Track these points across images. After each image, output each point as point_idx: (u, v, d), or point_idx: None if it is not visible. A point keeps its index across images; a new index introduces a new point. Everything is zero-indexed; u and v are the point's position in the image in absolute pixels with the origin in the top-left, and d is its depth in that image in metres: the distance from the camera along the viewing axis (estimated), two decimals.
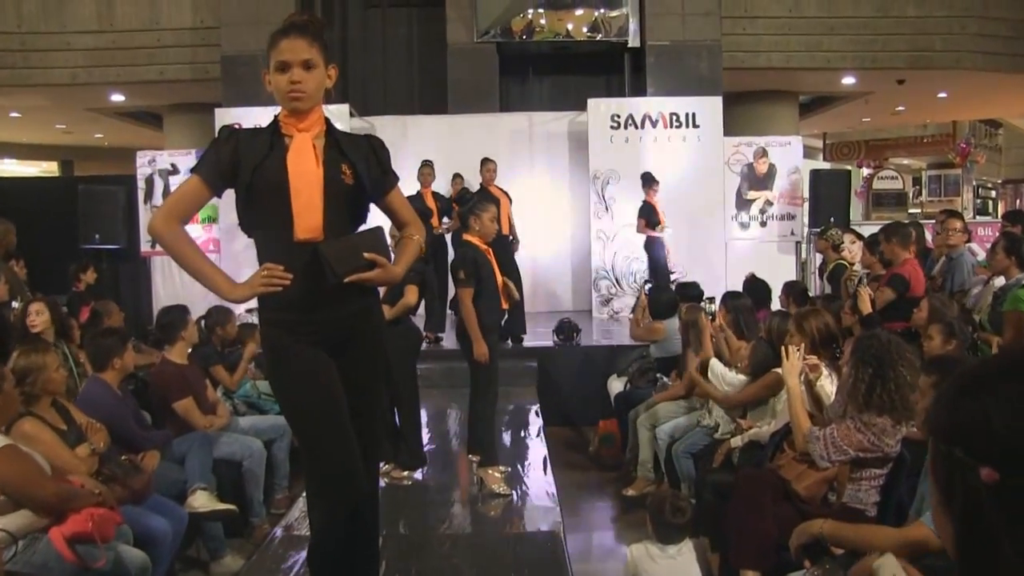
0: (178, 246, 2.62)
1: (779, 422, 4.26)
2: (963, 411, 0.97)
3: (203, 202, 2.71)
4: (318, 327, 2.66)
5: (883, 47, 11.89)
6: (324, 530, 2.71)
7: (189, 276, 2.68)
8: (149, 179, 10.72)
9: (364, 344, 2.76)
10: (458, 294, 4.66)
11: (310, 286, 2.58)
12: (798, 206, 10.70)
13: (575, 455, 6.83)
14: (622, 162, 10.37)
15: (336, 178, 2.63)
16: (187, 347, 5.31)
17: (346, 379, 2.69)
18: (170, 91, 12.47)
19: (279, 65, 2.61)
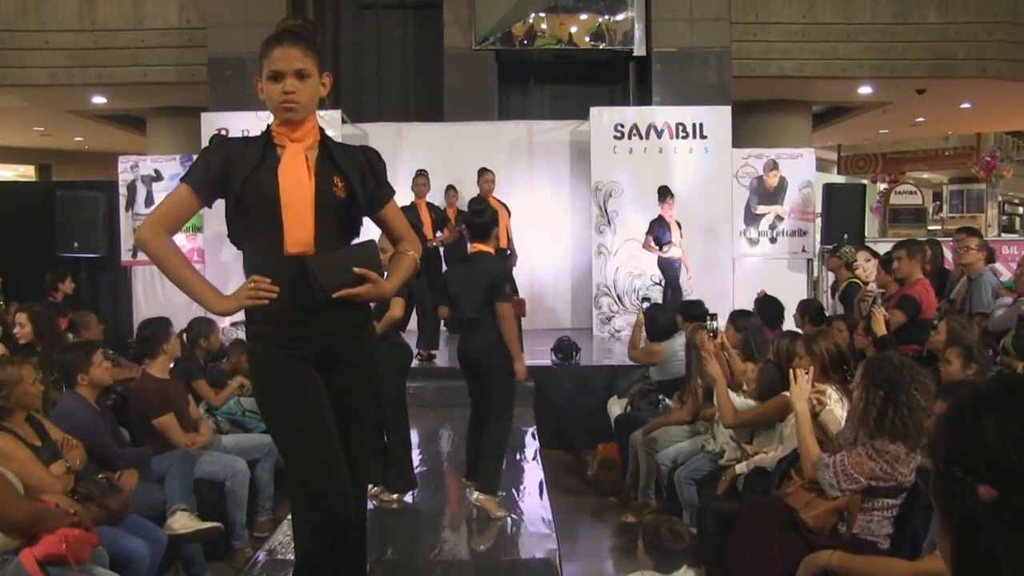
0: (165, 257, 2.66)
1: (786, 448, 4.27)
2: (961, 431, 1.02)
3: (192, 212, 2.76)
4: (307, 343, 2.69)
5: (902, 55, 11.92)
6: (309, 554, 2.73)
7: (173, 287, 2.72)
8: (131, 185, 10.76)
9: (354, 361, 2.79)
10: (502, 309, 4.64)
11: (299, 300, 2.62)
12: (810, 222, 10.74)
13: (573, 479, 6.84)
14: (625, 174, 10.42)
15: (328, 191, 2.67)
16: (169, 361, 5.33)
17: (335, 397, 2.72)
18: (154, 93, 12.52)
19: (272, 74, 2.65)
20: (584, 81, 12.14)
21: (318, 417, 2.66)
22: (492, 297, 4.63)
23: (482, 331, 4.71)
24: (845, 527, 3.62)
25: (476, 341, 4.76)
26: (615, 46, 11.57)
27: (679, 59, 11.19)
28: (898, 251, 6.24)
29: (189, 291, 2.67)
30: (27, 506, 3.37)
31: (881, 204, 16.42)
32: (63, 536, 3.37)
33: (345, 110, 10.65)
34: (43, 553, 3.31)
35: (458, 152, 10.57)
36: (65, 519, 3.47)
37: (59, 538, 3.35)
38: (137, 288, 10.80)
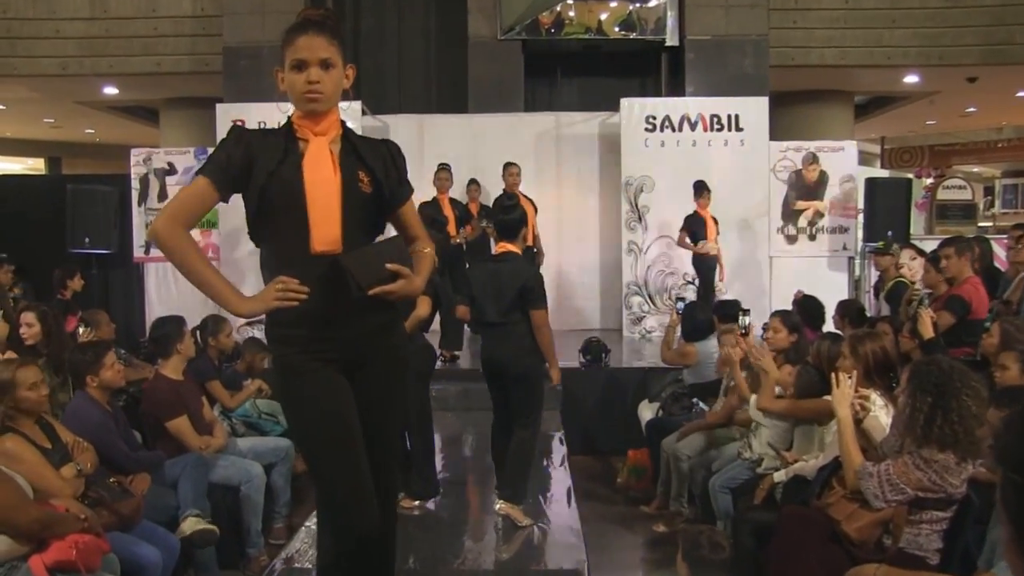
0: (182, 253, 2.61)
1: (827, 455, 4.24)
2: None
3: (209, 206, 2.71)
4: (334, 344, 2.67)
5: (952, 41, 11.77)
6: (331, 565, 2.72)
7: (188, 284, 2.71)
8: (144, 179, 10.83)
9: (383, 363, 2.77)
10: (537, 317, 4.62)
11: (327, 300, 2.60)
12: (852, 218, 10.66)
13: (602, 487, 6.82)
14: (657, 168, 10.37)
15: (354, 186, 2.66)
16: (183, 362, 5.36)
17: (362, 402, 2.70)
18: (167, 84, 12.63)
19: (295, 63, 2.63)
20: (614, 71, 12.11)
21: (344, 424, 2.63)
22: (521, 302, 4.60)
23: (509, 336, 4.67)
24: (891, 540, 3.59)
25: (503, 347, 4.71)
26: (646, 35, 11.54)
27: (714, 48, 11.14)
28: (946, 249, 6.17)
29: (208, 291, 2.62)
30: (37, 510, 3.41)
31: (927, 199, 16.25)
32: (73, 542, 3.40)
33: (365, 101, 10.67)
34: (53, 560, 3.34)
35: (482, 145, 10.58)
36: (75, 524, 3.51)
37: (69, 544, 3.39)
38: (150, 286, 10.87)
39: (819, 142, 10.92)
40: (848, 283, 10.63)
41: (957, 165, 20.77)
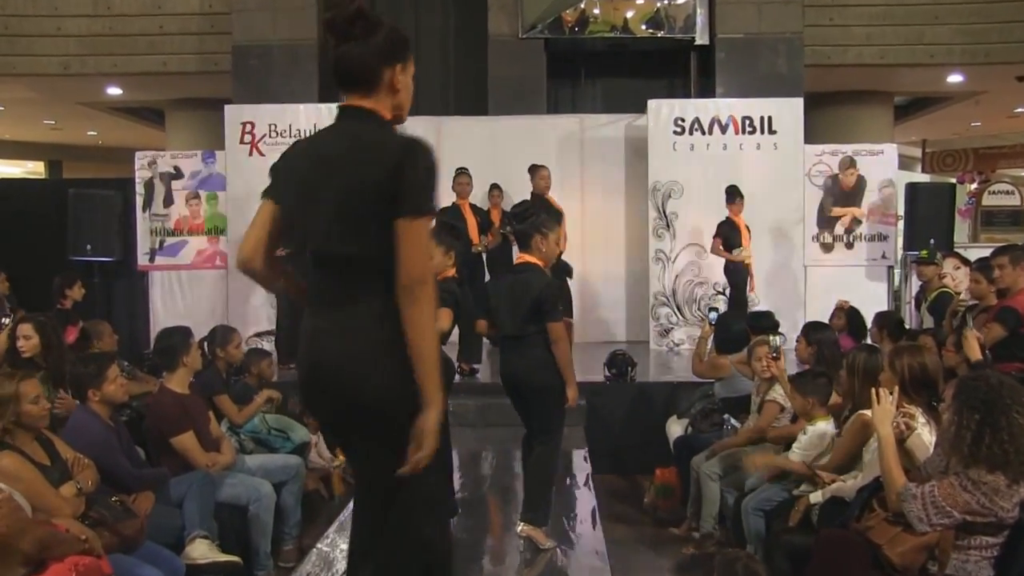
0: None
1: (867, 475, 4.21)
2: None
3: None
4: None
5: (1000, 37, 11.68)
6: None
7: (195, 294, 2.73)
8: (148, 183, 10.89)
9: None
10: (553, 330, 4.63)
11: None
12: (891, 225, 10.60)
13: (628, 507, 6.79)
14: (686, 173, 10.37)
15: None
16: (189, 374, 5.37)
17: None
18: (173, 84, 12.71)
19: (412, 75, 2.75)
20: (641, 72, 12.12)
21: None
22: (538, 314, 4.62)
23: (525, 349, 4.71)
24: (936, 567, 3.55)
25: (519, 360, 4.77)
26: (675, 33, 11.54)
27: (746, 46, 11.12)
28: (999, 258, 6.11)
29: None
30: (35, 530, 3.41)
31: (972, 205, 16.17)
32: (73, 564, 3.40)
33: None
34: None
35: (503, 149, 10.57)
36: (75, 546, 3.51)
37: (68, 567, 3.39)
38: (155, 295, 10.92)
39: (857, 145, 10.87)
40: (887, 294, 10.57)
41: (1003, 169, 20.57)
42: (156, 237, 10.86)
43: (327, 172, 2.57)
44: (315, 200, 2.57)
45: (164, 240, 10.87)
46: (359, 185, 2.51)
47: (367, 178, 2.50)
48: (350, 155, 2.56)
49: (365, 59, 2.62)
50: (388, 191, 2.47)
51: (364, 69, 2.63)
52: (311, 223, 2.59)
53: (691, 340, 10.05)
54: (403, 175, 2.47)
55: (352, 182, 2.52)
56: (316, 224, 2.57)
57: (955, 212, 11.16)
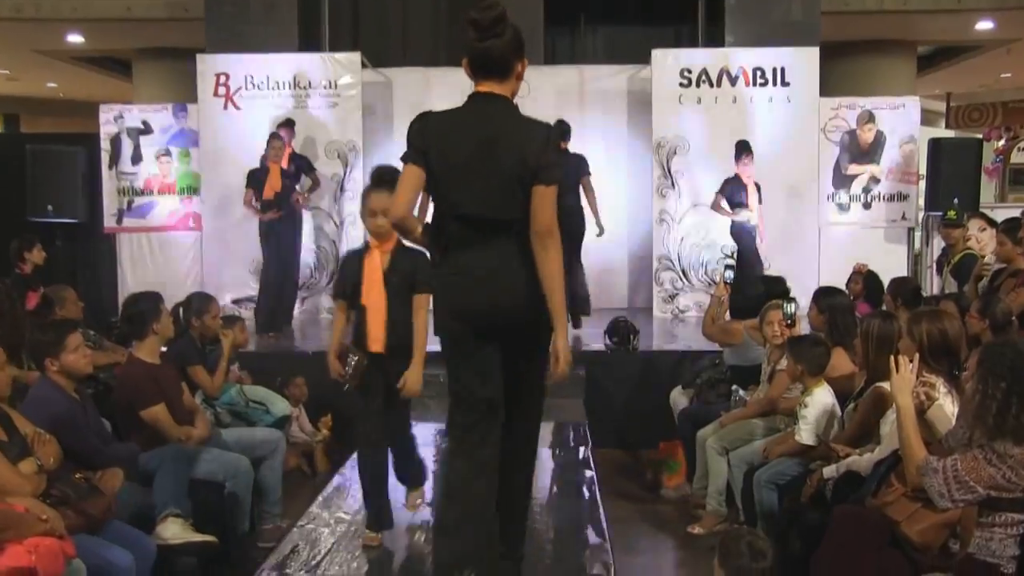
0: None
1: (885, 449, 4.21)
2: None
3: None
4: None
5: None
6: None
7: (165, 257, 2.73)
8: (115, 139, 10.82)
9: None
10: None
11: None
12: (912, 184, 10.60)
13: (630, 484, 6.85)
14: (693, 128, 10.36)
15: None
16: (160, 343, 5.35)
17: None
18: (140, 32, 12.60)
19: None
20: (645, 19, 12.07)
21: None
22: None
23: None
24: (958, 545, 3.57)
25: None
26: None
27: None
28: None
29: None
30: None
31: (999, 163, 16.15)
32: (32, 546, 3.39)
33: (366, 53, 10.64)
34: (7, 566, 3.31)
35: None
36: (35, 526, 3.50)
37: (27, 549, 3.37)
38: (123, 260, 10.90)
39: (876, 99, 10.87)
40: (907, 257, 10.58)
41: None
42: (124, 197, 10.81)
43: (490, 151, 3.38)
44: (478, 174, 3.38)
45: (132, 200, 10.83)
46: (519, 163, 3.35)
47: (523, 156, 3.35)
48: (508, 138, 3.40)
49: (505, 53, 3.50)
50: (533, 166, 3.34)
51: (503, 61, 3.51)
52: (470, 192, 3.40)
53: (697, 307, 10.10)
54: (545, 153, 3.38)
55: (512, 160, 3.35)
56: (475, 193, 3.39)
57: (981, 170, 11.14)
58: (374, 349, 4.30)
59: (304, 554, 4.39)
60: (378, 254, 4.30)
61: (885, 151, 10.54)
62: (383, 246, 4.29)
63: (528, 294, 3.41)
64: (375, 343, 4.29)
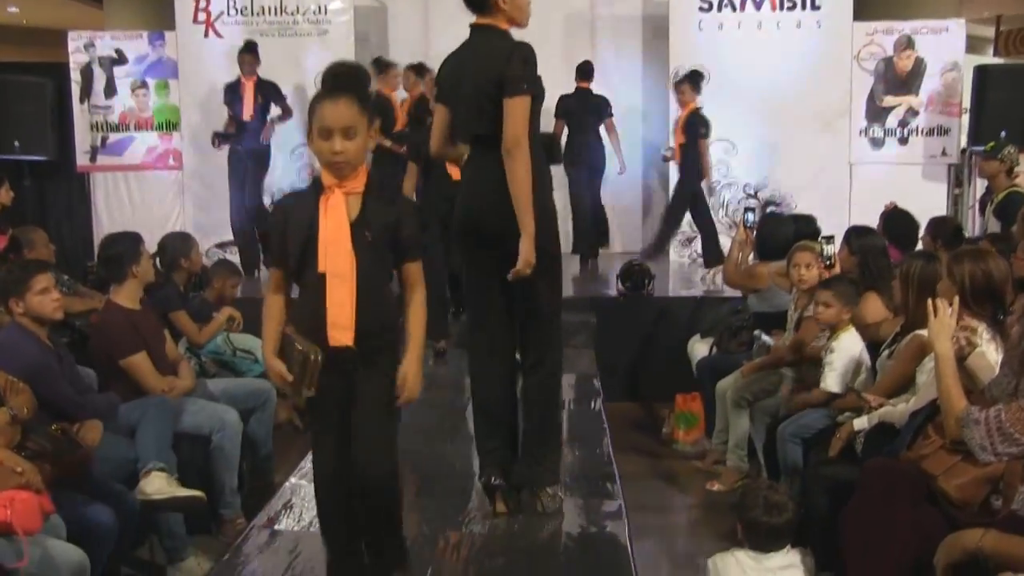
0: None
1: (922, 398, 4.21)
2: None
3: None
4: None
5: None
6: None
7: (144, 196, 2.76)
8: (86, 69, 10.75)
9: None
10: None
11: None
12: (954, 117, 10.51)
13: (644, 438, 6.92)
14: (714, 56, 10.29)
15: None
16: (139, 287, 5.34)
17: None
18: None
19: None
20: None
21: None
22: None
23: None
24: (1000, 501, 3.57)
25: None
26: None
27: None
28: None
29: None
30: None
31: None
32: (8, 500, 3.39)
33: None
34: None
35: None
36: (10, 479, 3.51)
37: (3, 502, 3.38)
38: (98, 200, 10.88)
39: (916, 22, 10.68)
40: (947, 196, 10.53)
41: None
42: (97, 133, 10.77)
43: (464, 75, 4.02)
44: (464, 97, 4.01)
45: (107, 137, 10.79)
46: (485, 83, 3.88)
47: (488, 75, 3.87)
48: (477, 61, 3.97)
49: None
50: (496, 78, 3.83)
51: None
52: (459, 115, 4.08)
53: None
54: (510, 66, 3.83)
55: (482, 79, 3.89)
56: (461, 115, 4.06)
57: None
58: (338, 341, 3.16)
59: (297, 510, 4.41)
60: (341, 197, 3.18)
61: (925, 80, 10.44)
62: (347, 185, 3.19)
63: (494, 203, 3.88)
64: (340, 331, 3.16)
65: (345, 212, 3.17)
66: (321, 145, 3.15)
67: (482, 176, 4.00)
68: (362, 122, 3.17)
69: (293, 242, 3.20)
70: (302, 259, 3.19)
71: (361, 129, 3.17)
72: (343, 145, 3.13)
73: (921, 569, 3.45)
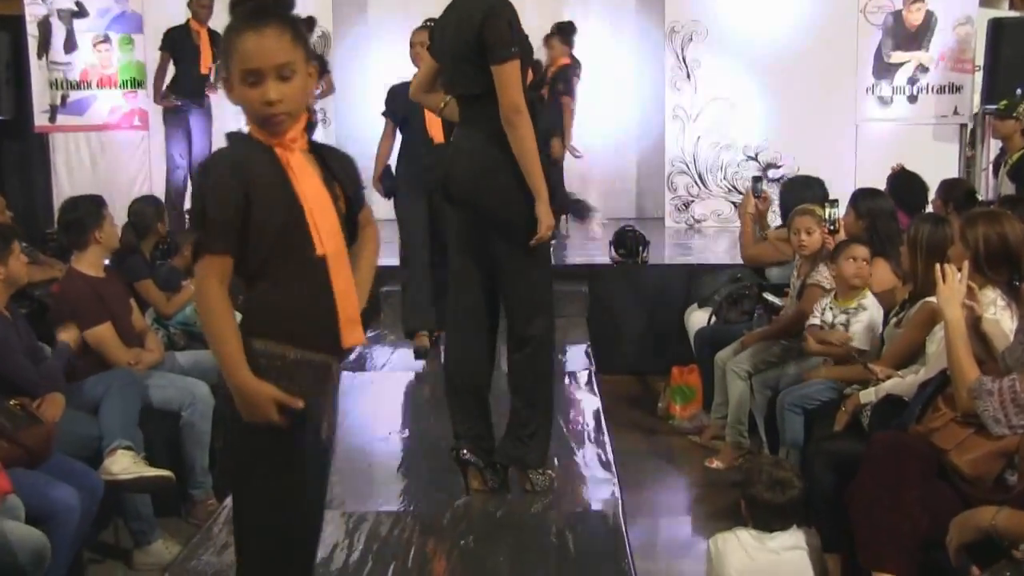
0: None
1: (932, 369, 4.22)
2: None
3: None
4: None
5: None
6: None
7: (107, 159, 2.71)
8: (44, 23, 10.62)
9: None
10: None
11: None
12: (967, 73, 10.47)
13: (639, 413, 6.93)
14: (712, 10, 10.27)
15: None
16: (103, 254, 5.34)
17: None
18: None
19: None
20: None
21: None
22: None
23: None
24: (1015, 477, 3.58)
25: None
26: None
27: None
28: None
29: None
30: None
31: None
32: None
33: None
34: None
35: None
36: None
37: None
38: (58, 163, 10.77)
39: None
40: (959, 158, 10.51)
41: None
42: (57, 91, 10.64)
43: (445, 35, 4.11)
44: (444, 56, 4.12)
45: (67, 95, 10.65)
46: (460, 43, 3.96)
47: (463, 36, 3.94)
48: (458, 18, 4.01)
49: None
50: (477, 45, 3.89)
51: None
52: (445, 72, 4.17)
53: (715, 216, 10.13)
54: (485, 31, 3.86)
55: (456, 42, 3.99)
56: (447, 72, 4.16)
57: None
58: (353, 340, 2.69)
59: None
60: (300, 158, 2.60)
61: (936, 35, 10.37)
62: (294, 141, 2.60)
63: (477, 170, 4.03)
64: (352, 328, 2.66)
65: (314, 174, 2.61)
66: (248, 94, 2.52)
67: (467, 144, 4.13)
68: (299, 56, 2.54)
69: (269, 218, 2.52)
70: (281, 241, 2.55)
71: (299, 66, 2.55)
72: (279, 91, 2.50)
73: (932, 548, 3.47)
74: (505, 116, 3.87)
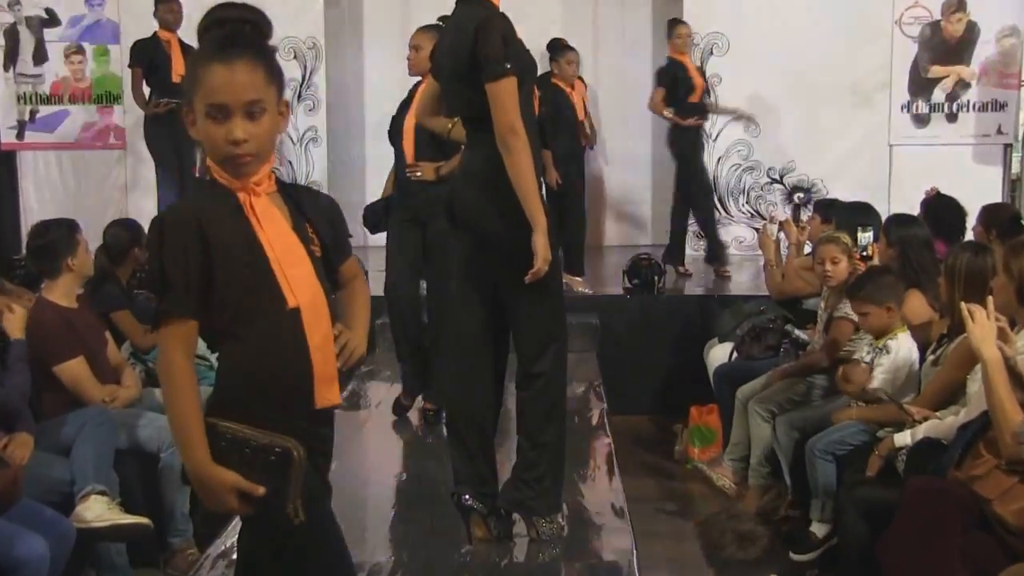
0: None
1: (973, 410, 4.23)
2: None
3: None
4: None
5: None
6: None
7: (80, 179, 2.73)
8: (11, 31, 10.66)
9: None
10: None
11: None
12: (1012, 89, 10.50)
13: (655, 457, 6.95)
14: (733, 21, 10.32)
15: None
16: (76, 282, 5.35)
17: None
18: None
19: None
20: None
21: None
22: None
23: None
24: None
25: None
26: None
27: None
28: None
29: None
30: None
31: None
32: None
33: None
34: None
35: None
36: None
37: None
38: (26, 184, 10.82)
39: None
40: (1002, 181, 10.53)
41: None
42: (25, 105, 10.69)
43: (443, 54, 4.20)
44: (443, 76, 4.24)
45: (37, 110, 10.71)
46: (456, 62, 4.02)
47: (458, 54, 3.99)
48: (453, 35, 4.11)
49: None
50: (472, 62, 3.92)
51: None
52: (446, 92, 4.30)
53: (737, 243, 10.13)
54: (477, 48, 3.88)
55: (453, 61, 4.05)
56: (447, 93, 4.28)
57: None
58: (327, 400, 2.65)
59: None
60: (266, 202, 2.59)
61: (978, 48, 10.41)
62: (260, 185, 2.59)
63: (476, 196, 4.06)
64: (327, 386, 2.64)
65: (283, 220, 2.59)
66: (212, 130, 2.49)
67: (471, 167, 4.18)
68: (271, 94, 2.53)
69: (233, 275, 2.49)
70: (248, 297, 2.52)
71: (271, 104, 2.53)
72: (247, 130, 2.47)
73: None
74: (500, 137, 3.87)
